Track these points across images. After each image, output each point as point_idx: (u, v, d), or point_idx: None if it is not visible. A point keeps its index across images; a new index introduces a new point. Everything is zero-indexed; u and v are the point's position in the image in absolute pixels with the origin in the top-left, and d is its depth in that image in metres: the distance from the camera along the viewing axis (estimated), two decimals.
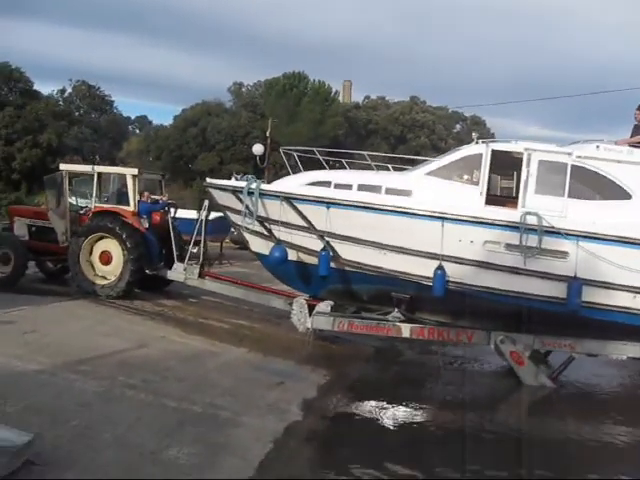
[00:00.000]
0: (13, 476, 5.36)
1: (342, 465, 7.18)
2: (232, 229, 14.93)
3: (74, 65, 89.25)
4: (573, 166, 9.82)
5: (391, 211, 10.05)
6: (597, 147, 10.09)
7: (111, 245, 13.57)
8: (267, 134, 39.73)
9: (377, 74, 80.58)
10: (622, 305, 9.55)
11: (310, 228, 10.68)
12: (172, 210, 14.57)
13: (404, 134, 51.59)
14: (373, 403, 9.78)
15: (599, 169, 9.81)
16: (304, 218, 10.64)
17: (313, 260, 10.77)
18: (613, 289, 9.52)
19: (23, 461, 5.59)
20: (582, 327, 9.87)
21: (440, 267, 9.73)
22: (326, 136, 44.09)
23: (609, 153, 9.98)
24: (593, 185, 9.88)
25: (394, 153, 26.60)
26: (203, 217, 12.47)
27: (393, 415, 9.49)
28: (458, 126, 63.39)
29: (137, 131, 66.52)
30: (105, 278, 13.78)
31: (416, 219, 9.94)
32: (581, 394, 10.86)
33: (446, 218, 9.75)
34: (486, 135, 61.81)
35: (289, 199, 10.73)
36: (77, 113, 53.95)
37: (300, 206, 10.66)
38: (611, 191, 9.80)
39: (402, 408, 9.60)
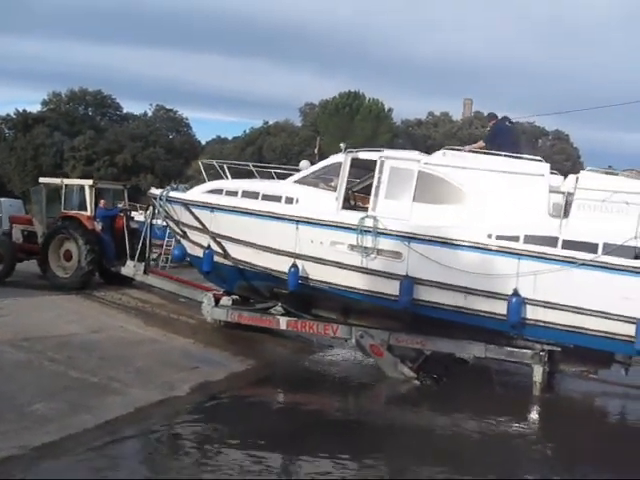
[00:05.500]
0: None
1: (188, 437, 8.14)
2: None
3: (159, 85, 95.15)
4: (420, 172, 10.53)
5: (257, 215, 11.30)
6: (444, 154, 10.72)
7: (71, 245, 15.57)
8: (315, 151, 41.67)
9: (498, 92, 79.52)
10: (454, 304, 10.11)
11: (204, 229, 12.01)
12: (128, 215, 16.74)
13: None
14: (271, 390, 10.79)
15: (444, 175, 10.45)
16: (198, 220, 12.04)
17: (217, 259, 12.04)
18: (444, 289, 10.09)
19: None
20: (420, 324, 10.47)
21: (294, 265, 10.78)
22: None
23: (454, 160, 10.63)
24: (437, 190, 10.52)
25: None
26: (149, 221, 14.21)
27: (284, 403, 10.39)
28: (540, 142, 62.32)
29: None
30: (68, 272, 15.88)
31: (277, 222, 11.12)
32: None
33: (299, 221, 10.79)
34: (569, 150, 60.31)
35: (186, 204, 12.17)
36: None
37: (194, 210, 12.08)
38: (452, 195, 10.42)
39: (298, 397, 10.51)
